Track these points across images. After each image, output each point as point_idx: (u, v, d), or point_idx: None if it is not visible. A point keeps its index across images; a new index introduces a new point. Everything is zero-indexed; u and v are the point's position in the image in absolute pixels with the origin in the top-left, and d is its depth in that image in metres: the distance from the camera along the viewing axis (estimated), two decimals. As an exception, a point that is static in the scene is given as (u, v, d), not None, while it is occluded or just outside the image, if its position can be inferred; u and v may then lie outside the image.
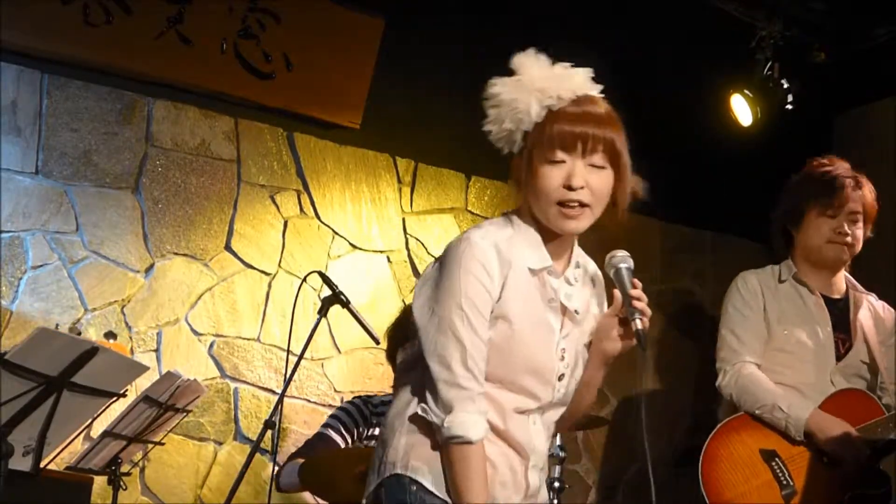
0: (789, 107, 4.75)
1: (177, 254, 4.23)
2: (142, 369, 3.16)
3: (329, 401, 4.42)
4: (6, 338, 3.78)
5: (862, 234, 3.49)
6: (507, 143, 2.16)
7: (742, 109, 4.83)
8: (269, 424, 3.32)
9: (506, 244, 2.11)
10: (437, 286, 2.09)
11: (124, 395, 3.11)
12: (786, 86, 4.73)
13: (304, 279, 3.74)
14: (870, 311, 3.57)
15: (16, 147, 3.96)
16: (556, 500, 3.84)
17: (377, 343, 3.55)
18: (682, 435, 5.16)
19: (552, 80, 2.10)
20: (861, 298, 3.57)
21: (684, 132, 4.79)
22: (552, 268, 2.15)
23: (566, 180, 2.07)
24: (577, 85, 2.12)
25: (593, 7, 4.62)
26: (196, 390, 3.46)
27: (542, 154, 2.09)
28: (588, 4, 4.62)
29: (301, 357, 3.42)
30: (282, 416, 4.07)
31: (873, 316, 3.56)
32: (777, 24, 4.75)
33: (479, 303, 2.05)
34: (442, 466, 2.07)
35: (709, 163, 5.03)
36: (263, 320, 4.37)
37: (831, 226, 3.45)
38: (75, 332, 3.77)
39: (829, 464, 3.29)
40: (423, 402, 2.08)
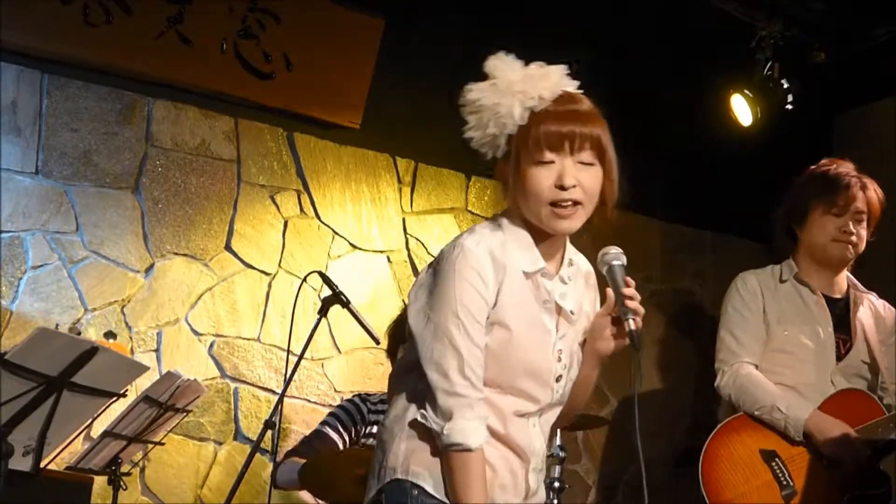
0: (789, 107, 4.74)
1: (177, 254, 4.23)
2: (142, 369, 3.17)
3: (329, 401, 4.41)
4: (6, 338, 3.77)
5: (866, 235, 3.49)
6: (490, 147, 2.15)
7: (742, 109, 4.82)
8: (269, 424, 3.32)
9: (500, 249, 2.10)
10: (433, 293, 2.09)
11: (124, 395, 3.11)
12: (786, 86, 4.72)
13: (305, 279, 3.74)
14: (870, 310, 3.56)
15: (16, 147, 3.95)
16: (556, 500, 3.82)
17: (377, 343, 3.56)
18: (682, 435, 5.16)
19: (530, 81, 2.08)
20: (861, 297, 3.56)
21: (684, 132, 4.78)
22: (546, 269, 2.15)
23: (557, 180, 2.07)
24: (555, 83, 2.10)
25: (593, 7, 4.61)
26: (196, 390, 3.46)
27: (530, 156, 2.08)
28: (588, 4, 4.61)
29: (301, 357, 3.42)
30: (282, 416, 4.06)
31: (874, 315, 3.56)
32: (777, 24, 4.75)
33: (474, 310, 2.05)
34: (442, 472, 2.07)
35: (709, 163, 5.02)
36: (263, 320, 4.37)
37: (836, 224, 3.45)
38: (75, 332, 3.77)
39: (828, 464, 3.29)
40: (421, 409, 2.08)
